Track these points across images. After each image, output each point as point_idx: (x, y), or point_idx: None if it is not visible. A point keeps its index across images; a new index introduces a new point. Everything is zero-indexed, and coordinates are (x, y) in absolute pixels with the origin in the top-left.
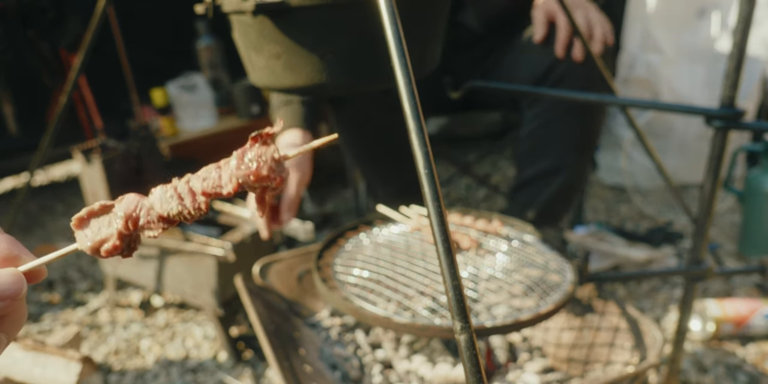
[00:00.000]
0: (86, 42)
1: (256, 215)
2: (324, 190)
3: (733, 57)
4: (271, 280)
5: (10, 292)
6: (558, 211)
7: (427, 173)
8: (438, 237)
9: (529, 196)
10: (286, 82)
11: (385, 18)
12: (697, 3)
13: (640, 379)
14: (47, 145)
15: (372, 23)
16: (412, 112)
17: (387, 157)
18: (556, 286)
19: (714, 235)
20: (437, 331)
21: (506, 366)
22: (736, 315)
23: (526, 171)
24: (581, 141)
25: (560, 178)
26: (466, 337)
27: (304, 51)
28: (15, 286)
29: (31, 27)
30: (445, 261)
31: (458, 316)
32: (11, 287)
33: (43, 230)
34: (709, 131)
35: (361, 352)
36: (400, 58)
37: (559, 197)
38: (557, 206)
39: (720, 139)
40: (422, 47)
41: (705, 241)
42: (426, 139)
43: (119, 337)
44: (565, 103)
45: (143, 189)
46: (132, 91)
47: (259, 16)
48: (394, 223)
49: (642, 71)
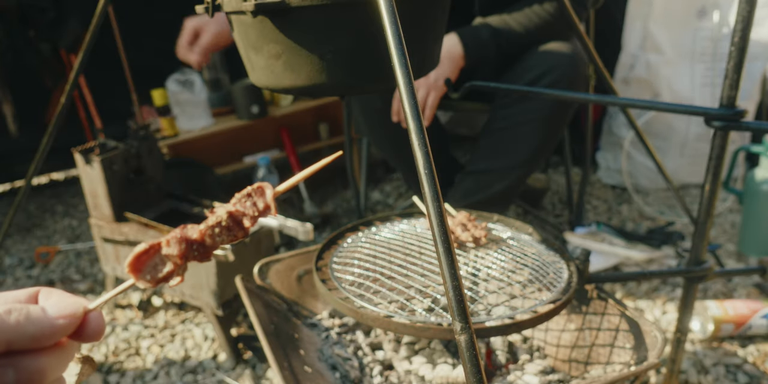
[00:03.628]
0: (86, 42)
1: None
2: (324, 190)
3: (733, 57)
4: (270, 281)
5: (68, 311)
6: (495, 208)
7: (427, 173)
8: (438, 237)
9: (475, 186)
10: (286, 82)
11: (385, 18)
12: (697, 3)
13: (640, 379)
14: (47, 146)
15: (372, 23)
16: (412, 112)
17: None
18: (556, 286)
19: (714, 235)
20: (437, 332)
21: (506, 367)
22: (736, 315)
23: (481, 163)
24: (540, 151)
25: (510, 178)
26: (466, 337)
27: (304, 51)
28: (73, 311)
29: (31, 27)
30: (445, 261)
31: (458, 317)
32: (69, 312)
33: (43, 230)
34: (709, 131)
35: (361, 352)
36: (400, 58)
37: (502, 196)
38: (496, 204)
39: (720, 139)
40: (422, 47)
41: (705, 241)
42: (426, 139)
43: (119, 337)
44: (536, 112)
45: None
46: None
47: (259, 16)
48: (393, 223)
49: (642, 71)
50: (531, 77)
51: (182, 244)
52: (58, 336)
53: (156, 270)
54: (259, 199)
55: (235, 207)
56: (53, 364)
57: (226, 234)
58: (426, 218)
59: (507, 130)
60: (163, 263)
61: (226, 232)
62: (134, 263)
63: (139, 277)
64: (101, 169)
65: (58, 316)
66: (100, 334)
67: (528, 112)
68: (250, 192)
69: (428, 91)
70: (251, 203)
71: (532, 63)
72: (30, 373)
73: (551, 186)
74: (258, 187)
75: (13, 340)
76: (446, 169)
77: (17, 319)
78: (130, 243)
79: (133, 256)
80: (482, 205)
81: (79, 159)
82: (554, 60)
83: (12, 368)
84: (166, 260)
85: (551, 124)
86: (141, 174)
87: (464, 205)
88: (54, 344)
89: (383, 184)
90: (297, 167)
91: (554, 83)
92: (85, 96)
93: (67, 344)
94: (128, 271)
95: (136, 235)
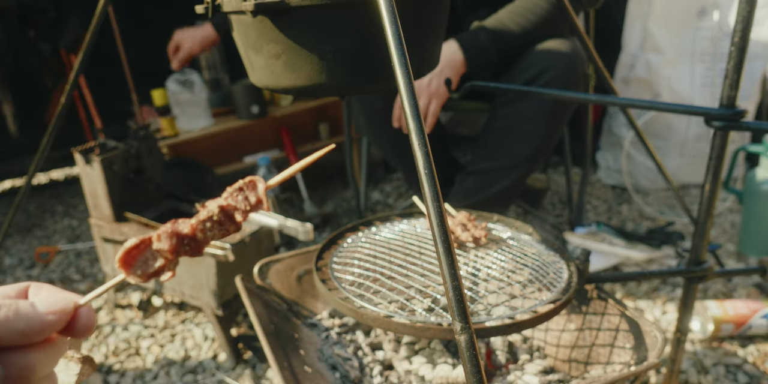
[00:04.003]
0: (86, 42)
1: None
2: (324, 190)
3: (733, 57)
4: (270, 281)
5: (57, 307)
6: (496, 207)
7: (427, 173)
8: (438, 237)
9: (476, 186)
10: (286, 82)
11: (385, 18)
12: (697, 3)
13: (640, 379)
14: (47, 146)
15: (372, 23)
16: (412, 112)
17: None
18: (556, 286)
19: (714, 235)
20: (437, 332)
21: (506, 367)
22: (736, 315)
23: (481, 163)
24: (540, 149)
25: (510, 178)
26: (466, 337)
27: (304, 51)
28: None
29: (31, 27)
30: (445, 261)
31: (458, 317)
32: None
33: (43, 230)
34: (709, 131)
35: (361, 352)
36: (400, 58)
37: (503, 196)
38: (497, 204)
39: (720, 139)
40: (422, 47)
41: (705, 241)
42: (426, 139)
43: (119, 337)
44: (536, 111)
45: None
46: (132, 92)
47: (259, 16)
48: (393, 223)
49: (642, 71)
50: (529, 75)
51: (173, 238)
52: (47, 332)
53: (147, 265)
54: (251, 193)
55: (227, 201)
56: (43, 360)
57: (217, 228)
58: (426, 218)
59: (507, 130)
60: (155, 258)
61: (218, 226)
62: (125, 258)
63: (130, 272)
64: (101, 169)
65: (47, 311)
66: (91, 330)
67: (527, 111)
68: (241, 186)
69: (430, 98)
70: (243, 197)
71: (530, 61)
72: (19, 369)
73: (551, 186)
74: (250, 181)
75: (1, 336)
76: (446, 169)
77: (6, 315)
78: None
79: (123, 251)
80: (483, 205)
81: (79, 159)
82: (553, 58)
83: (0, 364)
84: (157, 255)
85: (551, 123)
86: (141, 174)
87: (465, 204)
88: (44, 340)
89: (383, 184)
90: None
91: (553, 80)
92: (85, 96)
93: (57, 340)
94: (118, 266)
95: (136, 235)
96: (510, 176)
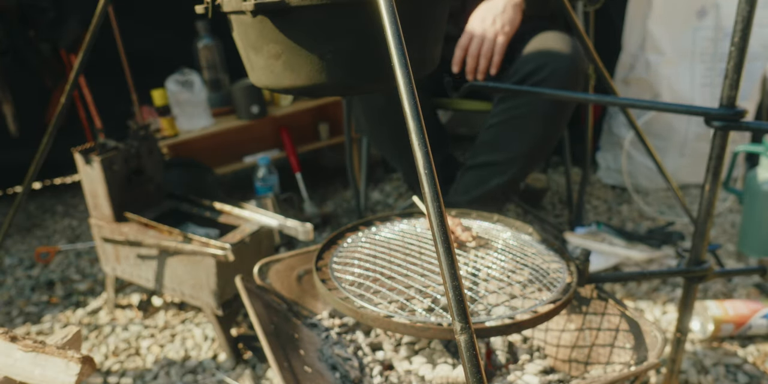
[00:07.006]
0: (86, 42)
1: None
2: (324, 190)
3: (733, 57)
4: (270, 281)
5: None
6: (494, 202)
7: (427, 173)
8: (438, 237)
9: (474, 180)
10: (285, 82)
11: (385, 18)
12: (697, 3)
13: (640, 379)
14: (47, 146)
15: (372, 23)
16: (412, 112)
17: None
18: (556, 286)
19: (714, 235)
20: (437, 332)
21: (506, 367)
22: (736, 315)
23: (480, 157)
24: (539, 144)
25: (509, 173)
26: (466, 337)
27: (304, 51)
28: None
29: (31, 27)
30: (445, 261)
31: (458, 317)
32: None
33: (43, 230)
34: (709, 131)
35: (361, 352)
36: (400, 58)
37: (501, 191)
38: (495, 200)
39: (720, 139)
40: (422, 47)
41: (705, 241)
42: (426, 139)
43: (119, 337)
44: (535, 104)
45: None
46: (132, 92)
47: (259, 16)
48: (393, 223)
49: (642, 71)
50: (527, 70)
51: None
52: None
53: None
54: None
55: None
56: None
57: None
58: (426, 218)
59: (505, 123)
60: None
61: None
62: None
63: None
64: (101, 169)
65: None
66: None
67: (527, 107)
68: None
69: (495, 35)
70: None
71: (530, 60)
72: None
73: (551, 186)
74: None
75: None
76: (446, 168)
77: None
78: (130, 243)
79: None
80: (481, 201)
81: (79, 159)
82: (552, 57)
83: None
84: None
85: (551, 119)
86: (141, 174)
87: (463, 200)
88: None
89: (383, 184)
90: (297, 167)
91: (552, 77)
92: (85, 96)
93: None
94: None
95: (136, 235)
96: (508, 171)
